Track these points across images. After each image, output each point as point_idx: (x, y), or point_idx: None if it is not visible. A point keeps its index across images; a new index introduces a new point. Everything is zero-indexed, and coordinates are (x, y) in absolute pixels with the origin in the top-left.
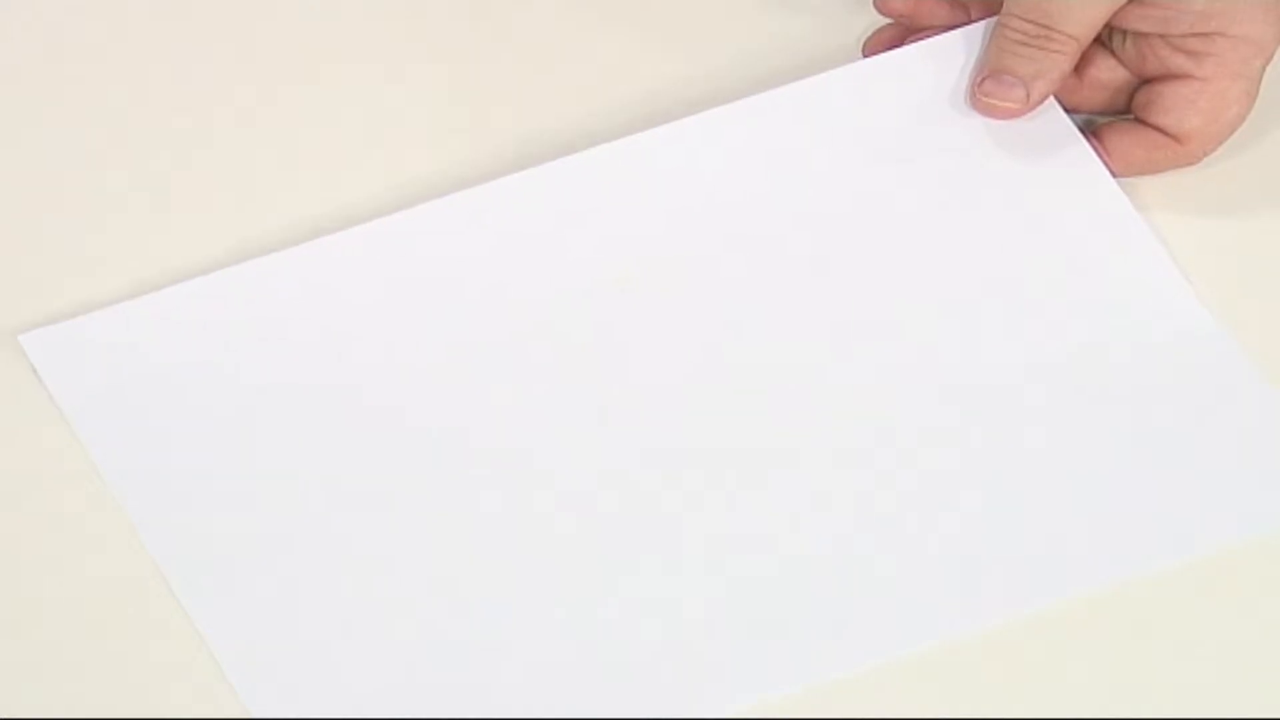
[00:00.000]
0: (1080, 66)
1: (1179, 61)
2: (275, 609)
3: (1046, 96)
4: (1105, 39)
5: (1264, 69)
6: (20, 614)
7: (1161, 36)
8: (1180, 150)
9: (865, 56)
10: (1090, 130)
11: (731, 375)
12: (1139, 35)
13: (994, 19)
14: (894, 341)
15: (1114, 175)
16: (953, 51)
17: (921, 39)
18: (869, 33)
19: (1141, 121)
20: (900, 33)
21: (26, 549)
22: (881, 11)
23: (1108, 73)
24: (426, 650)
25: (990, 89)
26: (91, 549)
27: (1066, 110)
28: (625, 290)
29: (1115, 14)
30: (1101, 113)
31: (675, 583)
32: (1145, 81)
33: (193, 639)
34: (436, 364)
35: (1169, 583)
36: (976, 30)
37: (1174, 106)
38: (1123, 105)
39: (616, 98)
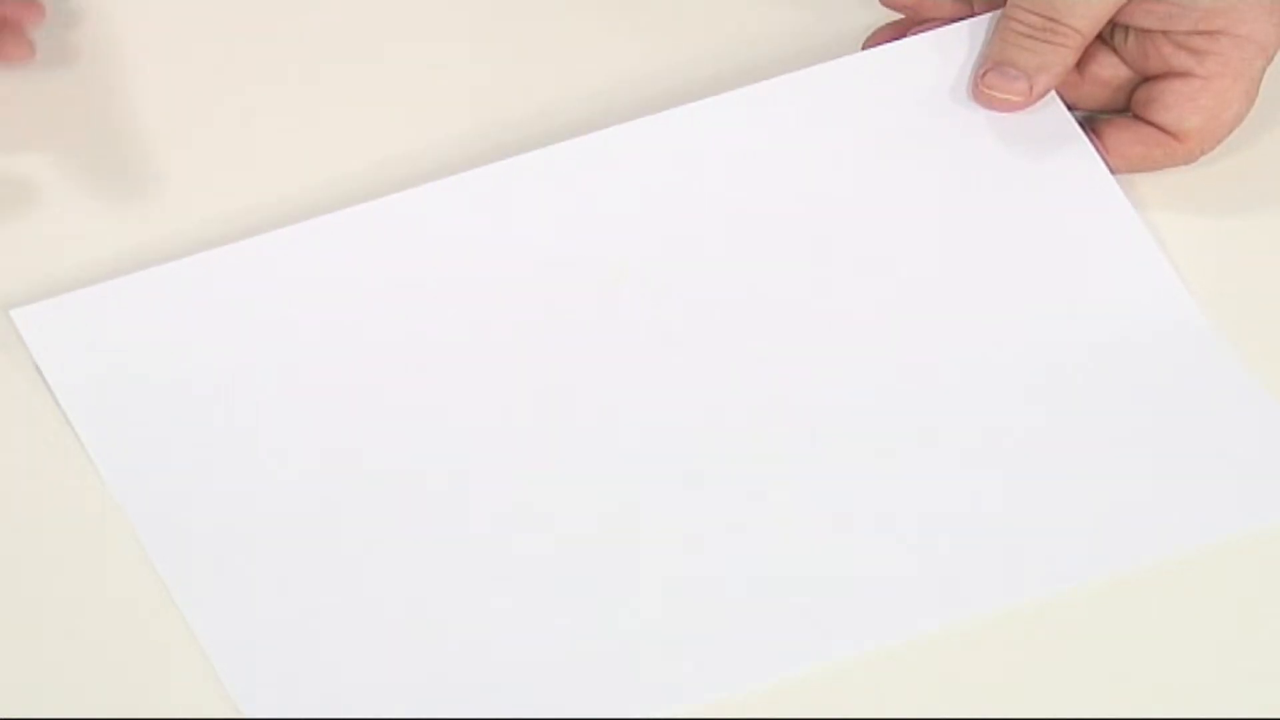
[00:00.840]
0: (1081, 63)
1: (1182, 59)
2: (268, 604)
3: (1049, 90)
4: (1107, 36)
5: (1264, 70)
6: (6, 604)
7: (1164, 33)
8: (1179, 148)
9: None
10: (1089, 126)
11: (728, 367)
12: (1142, 32)
13: (999, 12)
14: (889, 333)
15: (1111, 172)
16: (956, 44)
17: (924, 32)
18: (873, 29)
19: (1140, 119)
20: (902, 30)
21: (12, 537)
22: (886, 4)
23: (1109, 70)
24: (423, 648)
25: (993, 81)
26: (79, 537)
27: (1067, 106)
28: (620, 281)
29: (1120, 9)
30: (1101, 110)
31: (675, 574)
32: (1146, 79)
33: (186, 635)
34: (432, 352)
35: (1162, 579)
36: (981, 23)
37: (1175, 104)
38: (1123, 103)
39: (617, 86)
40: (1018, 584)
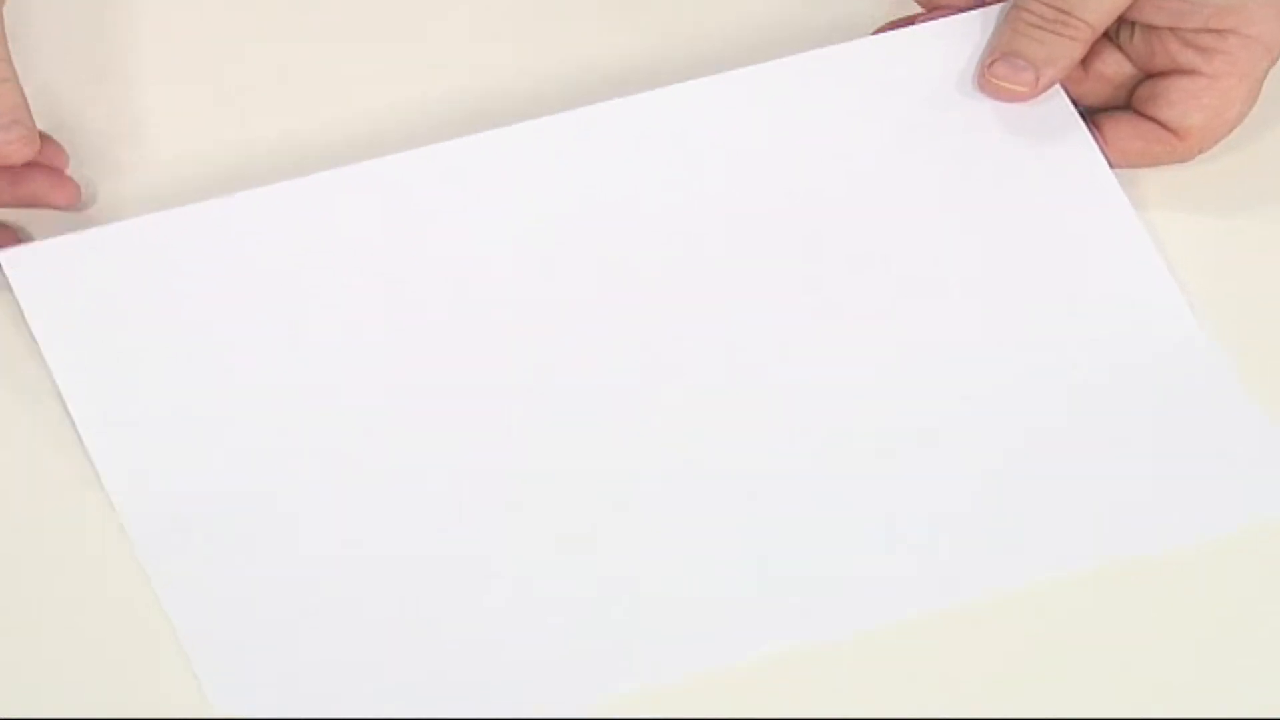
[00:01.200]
0: (1085, 58)
1: (1188, 57)
2: (245, 595)
3: (1055, 82)
4: (1112, 32)
5: (1268, 71)
6: None
7: (1173, 30)
8: (1179, 145)
9: None
10: (1090, 120)
11: (723, 358)
12: (1149, 28)
13: (1010, 2)
14: (882, 325)
15: (1110, 166)
16: (965, 33)
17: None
18: (881, 20)
19: (1142, 114)
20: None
21: None
22: None
23: (1113, 67)
24: (413, 647)
25: (1000, 71)
26: (53, 503)
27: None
28: (610, 264)
29: (1131, 4)
30: (1102, 107)
31: (667, 572)
32: (1149, 76)
33: (167, 623)
34: (418, 339)
35: (1154, 576)
36: (991, 13)
37: (1179, 101)
38: (1124, 100)
39: (622, 73)
40: (1010, 581)
